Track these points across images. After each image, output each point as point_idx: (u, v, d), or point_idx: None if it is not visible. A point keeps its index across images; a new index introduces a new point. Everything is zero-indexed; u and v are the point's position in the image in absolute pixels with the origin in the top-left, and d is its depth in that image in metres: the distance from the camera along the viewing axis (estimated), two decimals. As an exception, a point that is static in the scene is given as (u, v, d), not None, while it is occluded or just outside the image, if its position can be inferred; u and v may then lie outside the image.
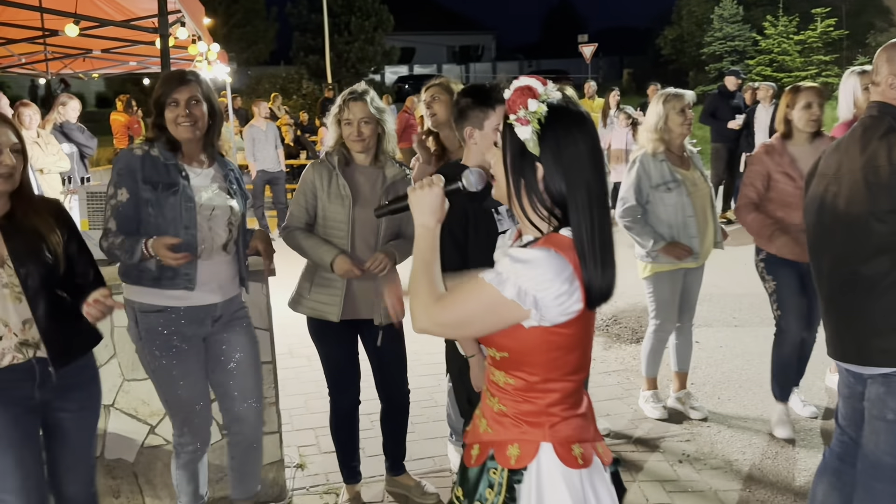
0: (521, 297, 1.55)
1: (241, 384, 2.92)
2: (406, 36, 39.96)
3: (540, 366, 1.66)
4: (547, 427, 1.68)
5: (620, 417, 4.27)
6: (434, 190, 1.71)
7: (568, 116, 1.62)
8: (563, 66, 37.39)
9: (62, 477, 2.56)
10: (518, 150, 1.63)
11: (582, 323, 1.64)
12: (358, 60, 27.96)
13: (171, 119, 2.65)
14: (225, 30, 26.46)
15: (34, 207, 2.43)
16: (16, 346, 2.37)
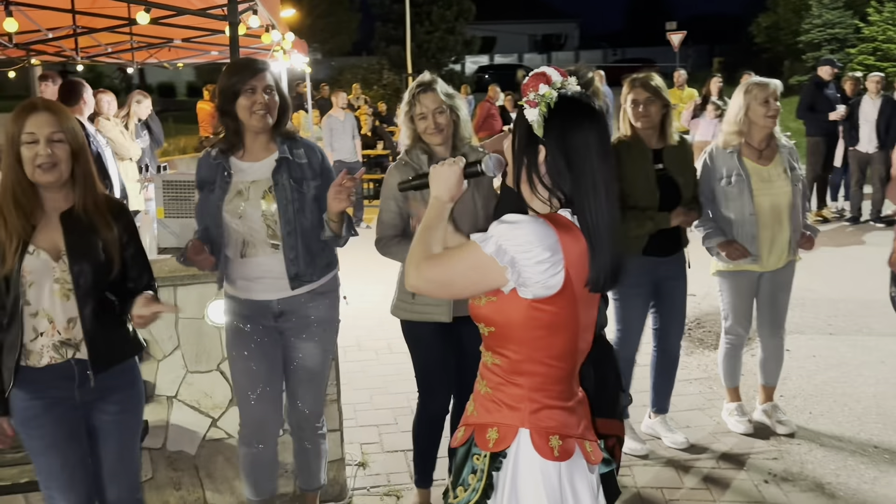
0: (498, 254, 1.59)
1: (299, 386, 2.89)
2: (487, 25, 39.66)
3: (524, 343, 1.66)
4: (527, 413, 1.68)
5: (701, 430, 4.00)
6: (454, 168, 1.78)
7: (578, 106, 1.66)
8: (650, 54, 36.27)
9: (105, 482, 2.50)
10: (525, 131, 1.68)
11: (568, 303, 1.63)
12: (438, 50, 27.87)
13: (246, 107, 2.61)
14: (309, 20, 26.87)
15: (97, 205, 2.37)
16: (55, 345, 2.31)
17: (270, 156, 2.73)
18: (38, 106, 2.26)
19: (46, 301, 2.29)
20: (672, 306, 3.74)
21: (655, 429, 3.92)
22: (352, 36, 30.32)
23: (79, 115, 5.10)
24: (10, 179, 2.24)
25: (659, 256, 3.58)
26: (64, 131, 2.27)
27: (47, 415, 2.33)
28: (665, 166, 3.54)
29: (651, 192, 3.49)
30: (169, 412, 3.26)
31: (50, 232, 2.30)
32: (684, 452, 3.77)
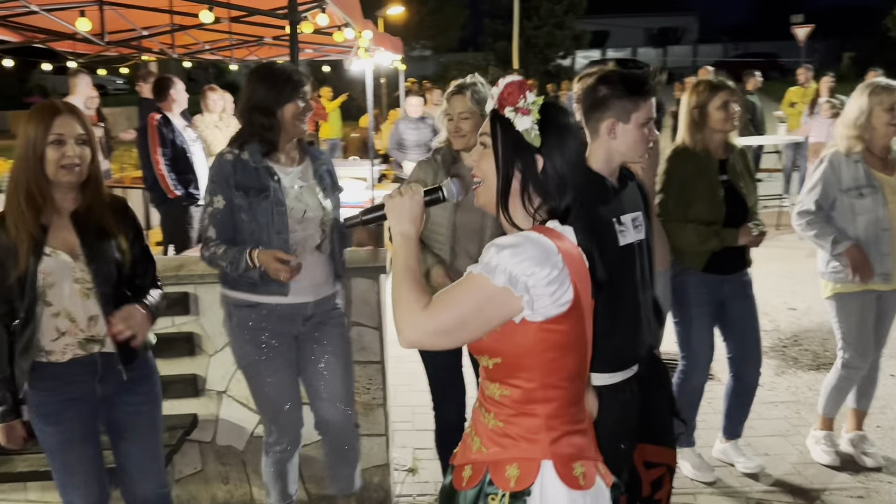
0: (512, 283, 1.48)
1: (329, 386, 2.82)
2: (600, 19, 38.81)
3: (537, 369, 1.56)
4: (547, 443, 1.57)
5: (780, 459, 3.67)
6: (414, 198, 1.66)
7: (564, 113, 1.61)
8: (774, 49, 34.40)
9: (131, 475, 2.51)
10: (513, 141, 1.58)
11: (576, 319, 1.55)
12: (546, 45, 27.48)
13: (293, 114, 2.60)
14: (418, 17, 27.14)
15: (104, 203, 2.37)
16: (79, 342, 2.33)
17: (304, 160, 2.74)
18: (61, 108, 2.26)
19: (67, 300, 2.30)
20: (743, 330, 3.42)
21: (727, 453, 3.63)
22: (458, 32, 30.35)
23: (167, 110, 5.28)
24: (26, 179, 2.24)
25: (722, 274, 3.29)
26: (87, 133, 2.30)
27: (66, 412, 2.35)
28: (730, 178, 3.25)
29: (717, 207, 3.20)
30: (219, 407, 3.29)
31: (63, 232, 2.30)
32: (756, 482, 3.48)
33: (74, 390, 2.35)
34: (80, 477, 2.37)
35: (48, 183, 2.25)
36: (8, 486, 3.24)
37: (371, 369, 3.30)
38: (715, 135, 3.22)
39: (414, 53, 29.31)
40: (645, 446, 2.51)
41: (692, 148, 3.24)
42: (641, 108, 2.24)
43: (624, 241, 2.30)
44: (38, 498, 3.29)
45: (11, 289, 2.25)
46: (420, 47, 29.61)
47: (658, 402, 2.54)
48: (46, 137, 2.21)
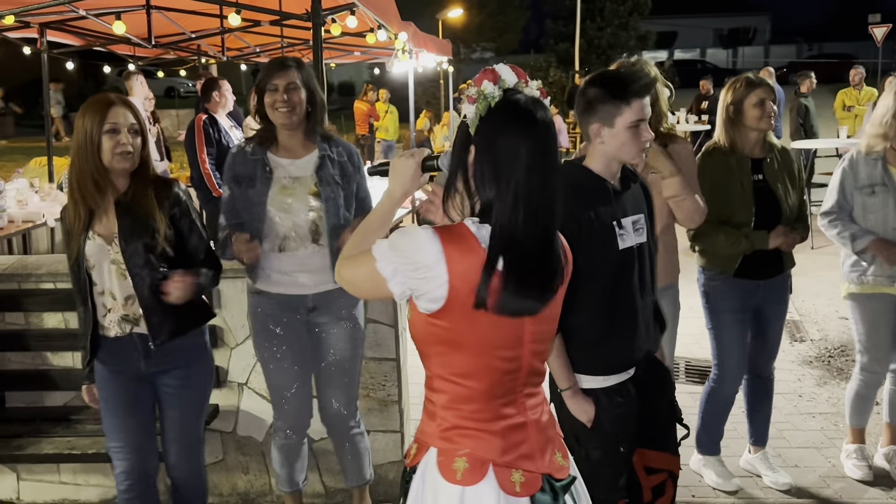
0: (382, 262, 1.54)
1: (329, 385, 2.88)
2: (667, 19, 38.04)
3: (430, 358, 1.63)
4: (437, 430, 1.63)
5: (810, 471, 3.54)
6: (409, 162, 1.70)
7: (516, 111, 1.55)
8: (850, 49, 33.05)
9: (166, 447, 2.69)
10: (464, 129, 1.60)
11: (460, 319, 1.54)
12: (609, 46, 27.06)
13: (269, 104, 2.67)
14: (479, 19, 27.13)
15: (148, 187, 2.50)
16: (118, 320, 2.51)
17: (311, 153, 2.76)
18: (114, 100, 2.44)
19: (108, 281, 2.48)
20: (766, 331, 3.32)
21: (755, 465, 3.52)
22: (518, 34, 30.21)
23: (213, 111, 5.44)
24: (87, 167, 2.40)
25: (756, 279, 3.19)
26: (139, 123, 2.46)
27: (113, 381, 2.56)
28: (765, 178, 3.15)
29: (747, 207, 3.10)
30: (239, 398, 3.38)
31: (106, 216, 2.47)
32: (783, 494, 3.36)
33: (123, 363, 2.55)
34: (120, 443, 2.56)
35: (105, 170, 2.41)
36: (43, 467, 3.41)
37: (386, 366, 3.33)
38: (750, 133, 3.13)
39: (474, 56, 29.35)
40: (645, 451, 2.45)
41: (724, 146, 3.16)
42: (626, 110, 2.18)
43: (623, 244, 2.27)
44: (70, 480, 3.45)
45: (74, 268, 2.49)
46: (480, 49, 29.60)
47: (658, 406, 2.49)
48: (102, 127, 2.37)
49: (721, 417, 3.41)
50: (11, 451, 3.07)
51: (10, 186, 5.69)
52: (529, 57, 29.17)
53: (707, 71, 24.44)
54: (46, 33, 6.29)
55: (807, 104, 9.15)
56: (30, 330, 3.35)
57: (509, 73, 1.58)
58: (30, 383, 3.37)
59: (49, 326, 3.35)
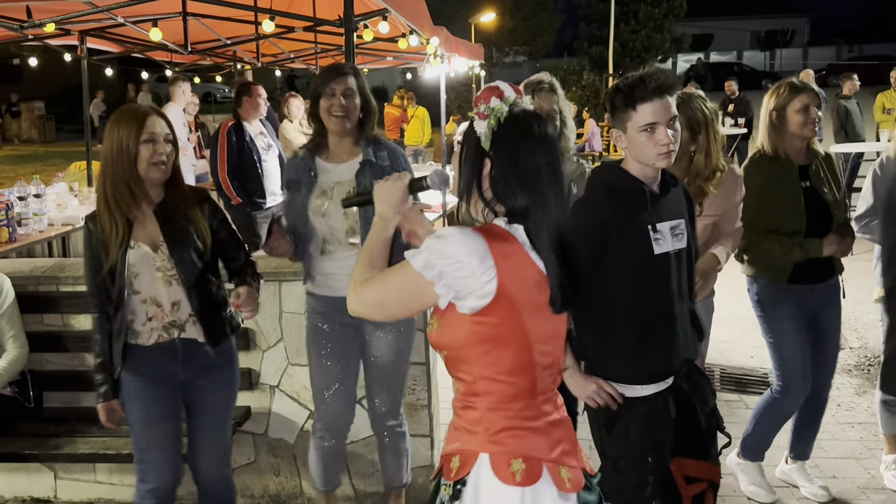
0: (426, 269, 1.56)
1: (373, 383, 2.92)
2: (703, 21, 37.57)
3: (474, 362, 1.61)
4: (485, 435, 1.61)
5: (849, 482, 3.46)
6: (398, 185, 1.76)
7: (527, 124, 1.63)
8: (892, 51, 32.33)
9: (197, 452, 2.70)
10: (473, 143, 1.65)
11: (508, 313, 1.57)
12: (643, 49, 26.82)
13: (325, 108, 2.71)
14: (512, 23, 27.10)
15: (185, 195, 2.56)
16: (164, 326, 2.52)
17: (354, 158, 2.79)
18: (148, 110, 2.47)
19: (152, 288, 2.50)
20: (824, 340, 3.24)
21: (792, 476, 3.44)
22: (552, 37, 30.10)
23: (244, 116, 5.45)
24: (122, 177, 2.42)
25: (809, 284, 3.12)
26: (172, 133, 2.49)
27: (147, 391, 2.55)
28: (812, 184, 3.08)
29: (798, 215, 3.03)
30: (271, 400, 3.41)
31: (146, 225, 2.49)
32: (819, 505, 3.29)
33: (158, 371, 2.55)
34: (156, 456, 2.55)
35: (140, 180, 2.44)
36: (79, 466, 3.47)
37: (416, 370, 3.33)
38: (795, 140, 3.06)
39: (507, 59, 29.31)
40: (683, 460, 2.40)
41: (770, 153, 3.09)
42: (633, 115, 2.18)
43: (659, 249, 2.23)
44: (105, 479, 3.51)
45: (105, 279, 2.47)
46: (514, 53, 29.56)
47: (697, 415, 2.45)
48: (139, 137, 2.40)
49: (775, 428, 3.33)
50: (49, 451, 3.13)
51: (51, 190, 5.82)
52: (563, 60, 29.05)
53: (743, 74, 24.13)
54: (87, 40, 6.43)
55: (847, 106, 8.95)
56: (67, 331, 3.41)
57: (509, 89, 1.67)
58: (67, 384, 3.43)
59: (86, 327, 3.40)
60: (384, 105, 12.24)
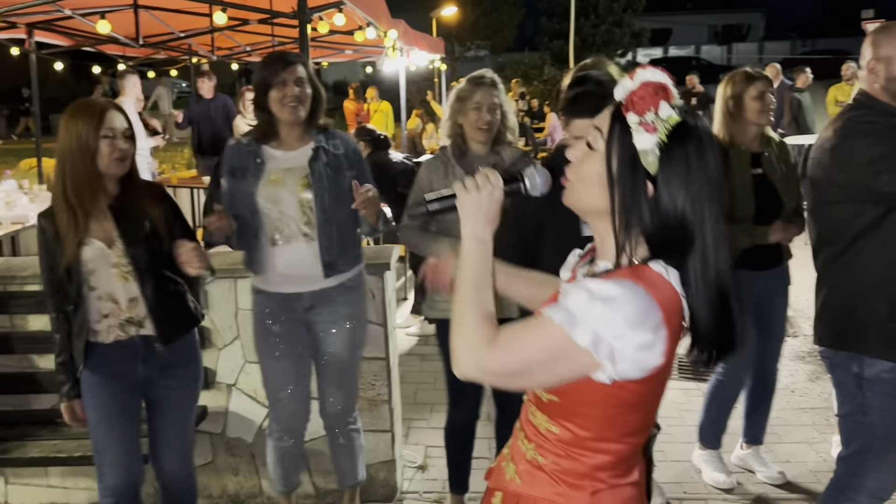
0: (595, 346, 1.22)
1: (327, 380, 2.87)
2: (662, 16, 38.01)
3: (594, 420, 1.34)
4: (589, 493, 1.37)
5: (802, 466, 3.54)
6: (494, 193, 1.37)
7: (701, 135, 1.27)
8: (845, 45, 33.02)
9: (160, 451, 2.66)
10: (629, 158, 1.27)
11: (657, 381, 1.32)
12: (604, 44, 27.01)
13: (277, 99, 2.64)
14: (473, 17, 27.07)
15: (141, 190, 2.50)
16: (120, 324, 2.47)
17: (306, 145, 2.73)
18: (107, 105, 2.41)
19: (108, 285, 2.45)
20: (770, 325, 3.31)
21: (748, 461, 3.51)
22: (513, 32, 30.18)
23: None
24: (83, 173, 2.36)
25: (756, 270, 3.18)
26: (131, 127, 2.44)
27: (105, 389, 2.50)
28: (764, 171, 3.13)
29: (748, 202, 3.08)
30: (228, 399, 3.36)
31: (101, 221, 2.44)
32: (778, 489, 3.36)
33: (118, 370, 2.50)
34: (114, 453, 2.51)
35: (100, 175, 2.38)
36: (31, 470, 3.38)
37: (376, 365, 3.31)
38: (750, 127, 3.11)
39: (469, 54, 29.29)
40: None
41: (724, 141, 3.13)
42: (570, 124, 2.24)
43: (588, 231, 2.30)
44: (58, 483, 3.42)
45: (62, 277, 2.42)
46: (475, 47, 29.54)
47: None
48: (99, 132, 2.34)
49: (727, 412, 3.41)
50: (-2, 455, 3.04)
51: (-1, 188, 5.66)
52: (524, 55, 29.12)
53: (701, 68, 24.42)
54: (34, 33, 6.25)
55: (800, 98, 9.13)
56: (15, 332, 3.32)
57: (672, 85, 1.29)
58: (16, 386, 3.33)
59: (35, 329, 3.31)
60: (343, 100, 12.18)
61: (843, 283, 2.34)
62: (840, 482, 2.43)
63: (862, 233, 2.25)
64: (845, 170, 2.24)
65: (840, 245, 2.31)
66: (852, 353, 2.32)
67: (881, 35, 2.27)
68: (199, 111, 7.71)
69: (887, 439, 2.31)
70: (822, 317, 2.43)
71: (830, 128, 2.35)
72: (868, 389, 2.30)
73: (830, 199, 2.31)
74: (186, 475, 2.73)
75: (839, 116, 2.37)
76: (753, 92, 3.06)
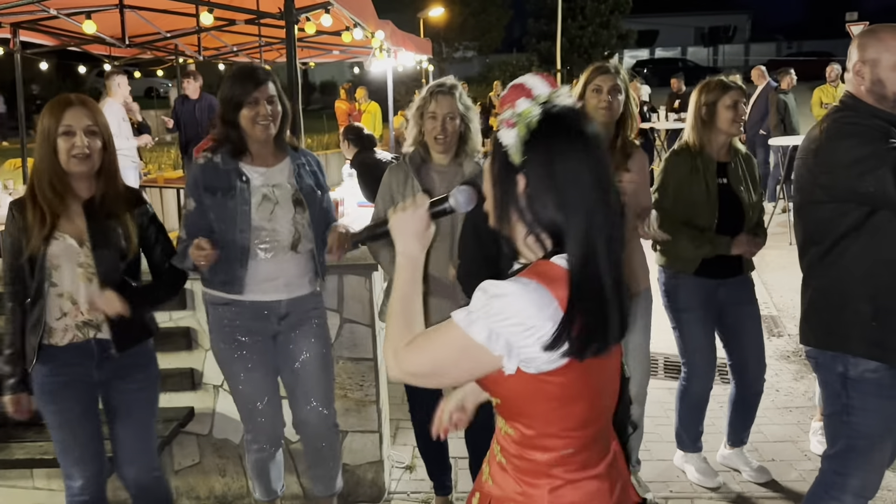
0: (491, 341, 1.30)
1: (305, 386, 2.82)
2: (648, 18, 38.21)
3: (536, 417, 1.39)
4: (547, 490, 1.42)
5: (787, 465, 3.56)
6: (419, 212, 1.49)
7: (564, 122, 1.34)
8: (829, 47, 33.34)
9: (122, 458, 2.60)
10: (501, 157, 1.37)
11: (580, 372, 1.35)
12: (591, 45, 27.17)
13: (249, 118, 2.58)
14: (461, 18, 27.12)
15: (117, 192, 2.48)
16: (77, 325, 2.45)
17: (282, 161, 2.71)
18: (73, 101, 2.39)
19: (71, 283, 2.42)
20: (743, 336, 3.32)
21: (732, 460, 3.54)
22: (501, 33, 30.25)
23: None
24: (45, 168, 2.37)
25: (716, 278, 3.19)
26: (98, 124, 2.40)
27: (64, 391, 2.47)
28: (729, 181, 3.14)
29: (711, 211, 3.09)
30: (215, 400, 3.35)
31: (74, 219, 2.43)
32: (761, 488, 3.38)
33: (73, 372, 2.47)
34: (78, 453, 2.49)
35: (63, 172, 2.37)
36: (16, 472, 3.35)
37: (363, 366, 3.31)
38: (720, 136, 3.12)
39: (457, 55, 29.34)
40: None
41: (694, 147, 3.14)
42: None
43: None
44: (44, 485, 3.40)
45: (23, 268, 2.41)
46: (463, 48, 29.60)
47: None
48: (58, 128, 2.33)
49: (697, 416, 3.42)
50: (-18, 458, 3.02)
51: (-17, 189, 5.62)
52: (512, 56, 29.26)
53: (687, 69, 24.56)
54: (19, 33, 6.21)
55: (786, 100, 9.21)
56: (1, 334, 3.29)
57: (541, 84, 1.36)
58: None
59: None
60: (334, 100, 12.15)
61: (828, 283, 2.36)
62: (825, 481, 2.45)
63: (846, 233, 2.27)
64: (829, 170, 2.26)
65: (825, 245, 2.33)
66: (837, 353, 2.34)
67: (867, 38, 2.29)
68: (185, 112, 7.69)
69: (871, 438, 2.33)
70: (807, 317, 2.44)
71: (817, 129, 2.37)
72: (853, 389, 2.32)
73: (815, 200, 2.33)
74: (153, 480, 2.66)
75: (825, 118, 2.39)
76: (727, 101, 3.07)
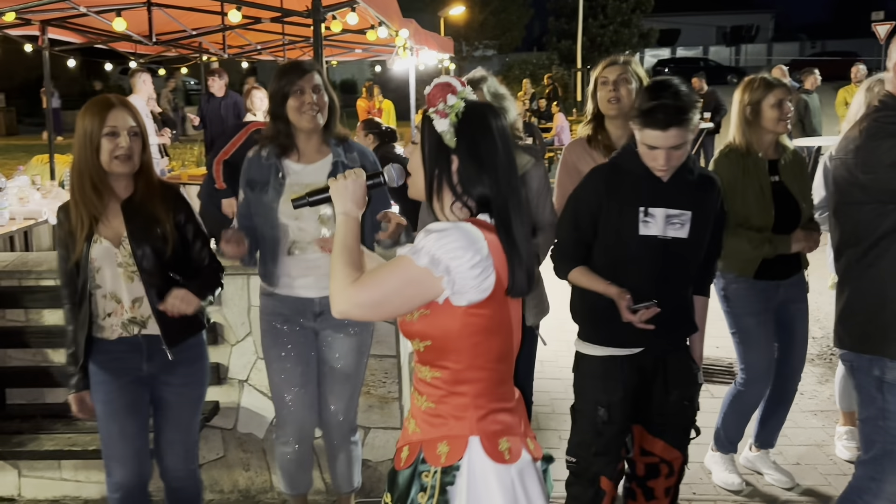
0: (433, 264, 1.58)
1: (330, 388, 2.85)
2: (670, 17, 37.96)
3: (464, 351, 1.66)
4: (474, 420, 1.68)
5: (812, 469, 3.53)
6: (358, 182, 1.81)
7: (482, 112, 1.70)
8: (854, 47, 32.94)
9: (164, 449, 2.66)
10: (435, 142, 1.68)
11: (501, 304, 1.66)
12: (611, 44, 27.03)
13: (295, 108, 2.61)
14: (482, 17, 27.10)
15: (154, 191, 2.51)
16: (123, 323, 2.49)
17: (324, 158, 2.73)
18: (114, 102, 2.43)
19: (113, 283, 2.46)
20: (792, 333, 3.28)
21: (756, 463, 3.51)
22: (522, 32, 30.19)
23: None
24: (87, 169, 2.40)
25: (777, 279, 3.16)
26: (140, 125, 2.45)
27: (114, 383, 2.52)
28: (781, 179, 3.11)
29: (767, 210, 3.06)
30: (240, 395, 3.38)
31: (111, 220, 2.46)
32: (787, 491, 3.36)
33: (123, 366, 2.52)
34: (121, 448, 2.52)
35: (104, 173, 2.40)
36: (44, 463, 3.41)
37: (387, 363, 3.33)
38: (766, 134, 3.09)
39: (477, 53, 29.32)
40: (644, 432, 2.62)
41: (741, 148, 3.11)
42: (641, 132, 2.36)
43: (646, 231, 2.39)
44: (71, 476, 3.45)
45: (73, 271, 2.45)
46: (483, 47, 29.57)
47: (664, 397, 2.55)
48: (102, 129, 2.36)
49: (744, 420, 3.37)
50: (12, 448, 3.07)
51: (12, 184, 5.69)
52: (532, 55, 29.19)
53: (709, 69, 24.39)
54: (48, 30, 6.29)
55: (807, 100, 9.11)
56: (30, 326, 3.35)
57: (459, 84, 1.71)
58: (30, 380, 3.37)
59: (49, 323, 3.34)
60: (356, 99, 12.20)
61: (865, 285, 2.32)
62: (859, 486, 2.41)
63: (885, 234, 2.23)
64: (869, 170, 2.22)
65: (862, 247, 2.30)
66: (874, 357, 2.30)
67: None
68: (211, 109, 7.76)
69: None
70: (843, 319, 2.40)
71: (856, 128, 2.33)
72: (889, 393, 2.28)
73: (853, 200, 2.30)
74: (189, 474, 2.71)
75: (865, 117, 2.33)
76: (772, 100, 3.04)
